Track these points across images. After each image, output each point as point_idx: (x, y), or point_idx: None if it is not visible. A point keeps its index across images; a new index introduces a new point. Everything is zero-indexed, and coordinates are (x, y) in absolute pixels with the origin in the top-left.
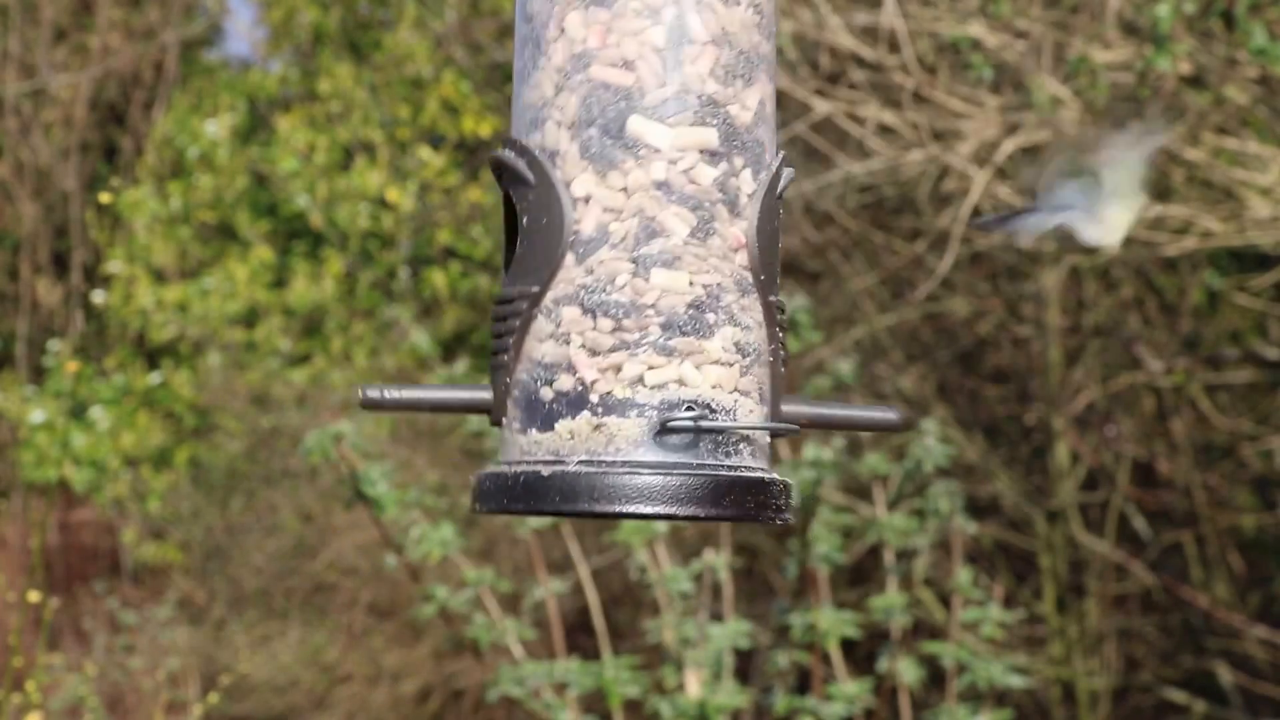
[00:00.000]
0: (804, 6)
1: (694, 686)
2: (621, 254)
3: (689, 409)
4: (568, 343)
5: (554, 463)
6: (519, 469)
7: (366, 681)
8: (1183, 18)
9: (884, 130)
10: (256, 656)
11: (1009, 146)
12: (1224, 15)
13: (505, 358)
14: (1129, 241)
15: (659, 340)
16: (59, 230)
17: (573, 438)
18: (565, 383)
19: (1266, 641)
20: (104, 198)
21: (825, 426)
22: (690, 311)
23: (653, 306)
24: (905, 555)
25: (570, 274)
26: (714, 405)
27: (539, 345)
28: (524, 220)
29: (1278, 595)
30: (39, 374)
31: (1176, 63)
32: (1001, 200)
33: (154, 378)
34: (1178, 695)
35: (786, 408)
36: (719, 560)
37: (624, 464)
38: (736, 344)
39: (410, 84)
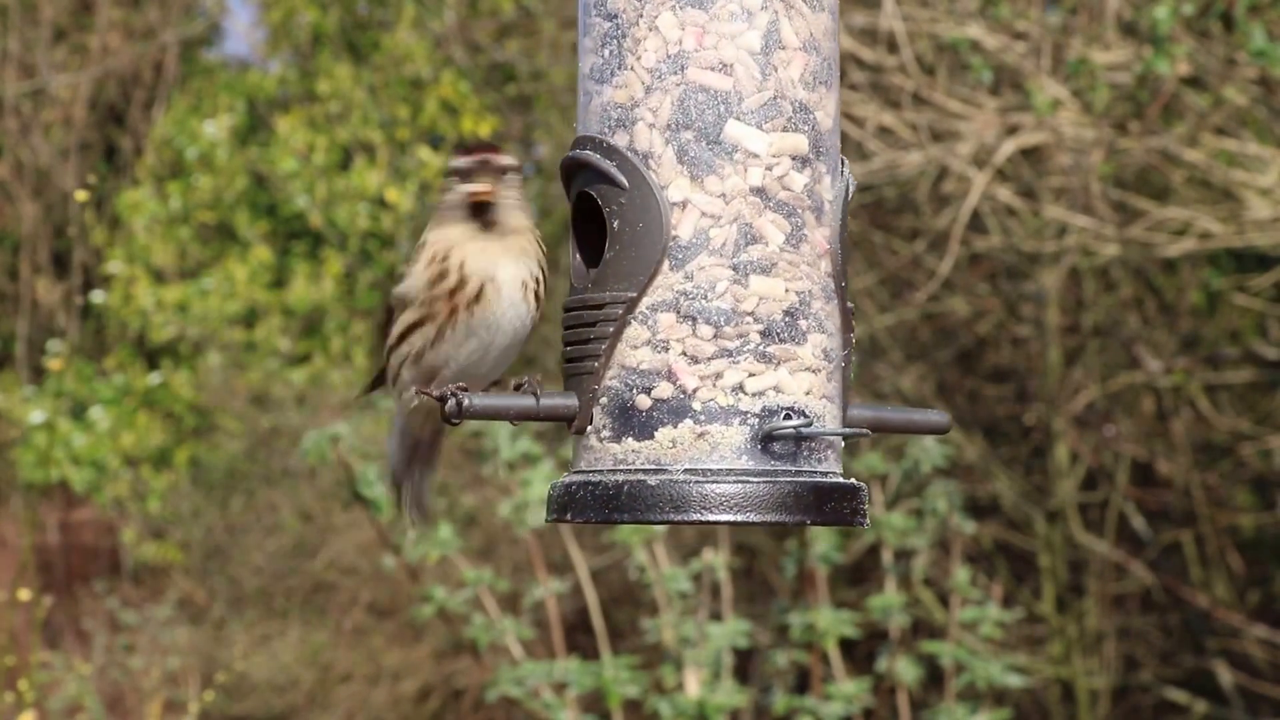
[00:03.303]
0: None
1: (693, 686)
2: (721, 260)
3: (787, 416)
4: (667, 349)
5: (657, 471)
6: (619, 478)
7: (366, 681)
8: (1181, 19)
9: (883, 131)
10: (256, 656)
11: (1008, 148)
12: (1223, 16)
13: (594, 364)
14: (1129, 242)
15: (759, 347)
16: (59, 230)
17: (675, 446)
18: (665, 390)
19: (1266, 641)
20: (80, 196)
21: (884, 429)
22: (786, 318)
23: (751, 314)
24: (904, 555)
25: (668, 280)
26: (808, 412)
27: (633, 352)
28: (614, 224)
29: (1277, 594)
30: (39, 374)
31: (1176, 64)
32: (1000, 201)
33: (154, 378)
34: (1177, 694)
35: (852, 412)
36: (718, 560)
37: (729, 472)
38: (824, 350)
39: (409, 84)
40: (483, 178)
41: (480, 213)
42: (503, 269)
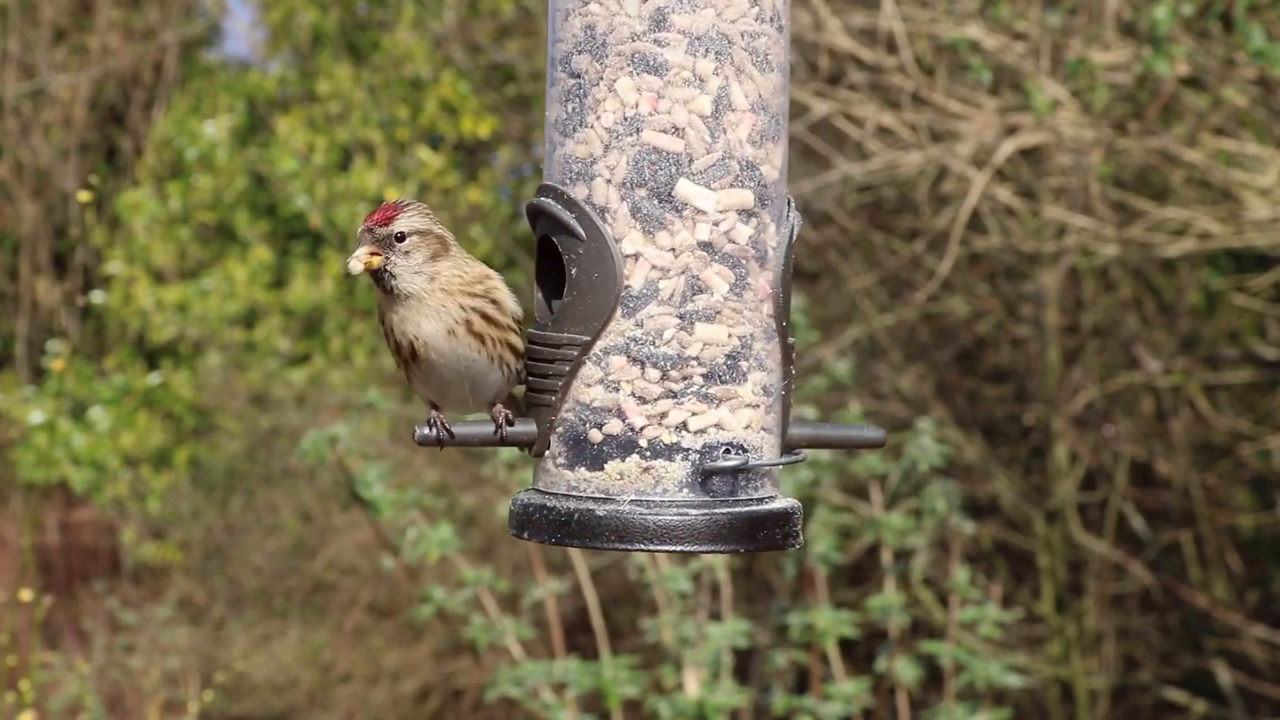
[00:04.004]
0: (803, 8)
1: (692, 686)
2: (669, 309)
3: (727, 451)
4: (617, 389)
5: (605, 500)
6: (570, 504)
7: (366, 681)
8: (1181, 19)
9: (882, 131)
10: (256, 656)
11: (1007, 148)
12: (1222, 17)
13: (551, 398)
14: (1128, 242)
15: (701, 389)
16: (59, 231)
17: (622, 478)
18: (615, 427)
19: (1265, 640)
20: (83, 196)
21: (821, 445)
22: (728, 361)
23: (696, 358)
24: (903, 555)
25: (620, 326)
26: (747, 445)
27: (587, 389)
28: (572, 272)
29: (1276, 594)
30: (39, 374)
31: (1175, 64)
32: (1000, 201)
33: (154, 378)
34: (1176, 694)
35: (791, 431)
36: (717, 561)
37: (672, 504)
38: (764, 387)
39: (409, 84)
40: (366, 247)
41: (378, 282)
42: (424, 327)
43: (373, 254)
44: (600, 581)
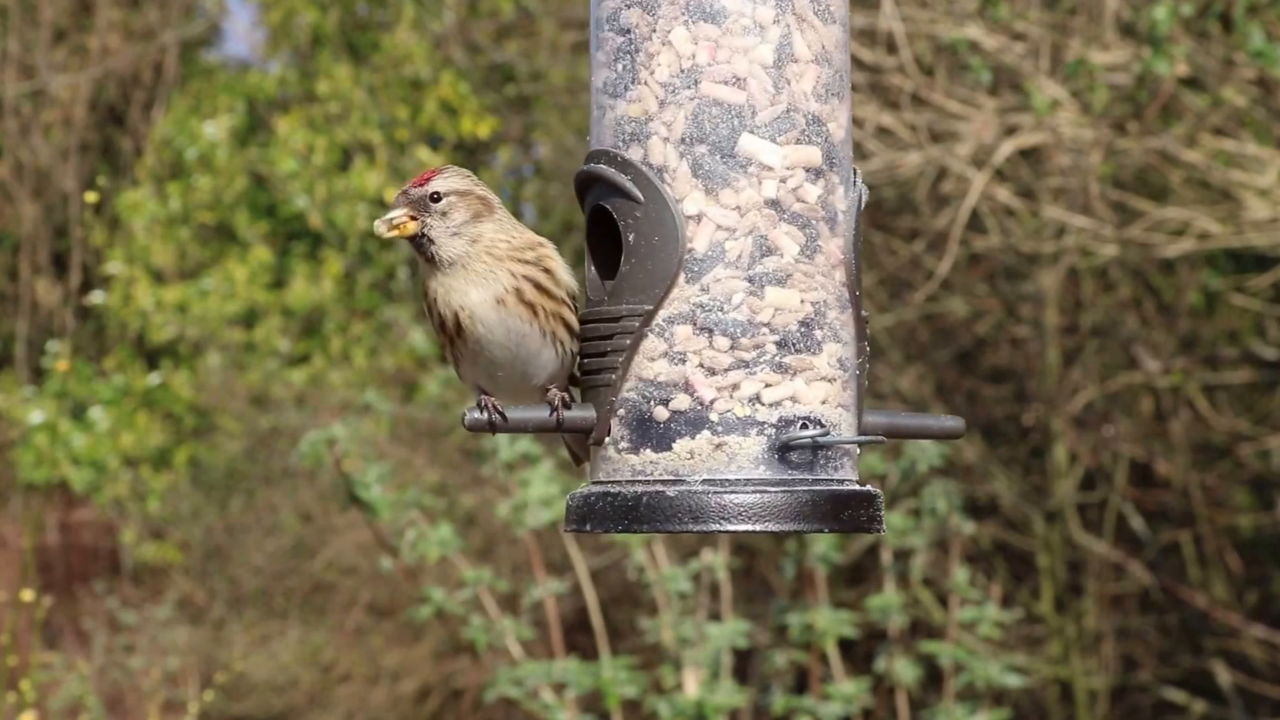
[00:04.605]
0: None
1: (692, 686)
2: (737, 273)
3: (804, 426)
4: (684, 361)
5: (675, 482)
6: (638, 489)
7: (365, 681)
8: (1180, 20)
9: (882, 131)
10: (256, 656)
11: (1007, 148)
12: (1221, 17)
13: (611, 376)
14: (1128, 242)
15: (775, 358)
16: (59, 231)
17: (693, 457)
18: (682, 402)
19: (1264, 641)
20: (90, 197)
21: (900, 435)
22: (801, 329)
23: (768, 325)
24: (902, 555)
25: (684, 292)
26: (824, 421)
27: (650, 364)
28: (630, 238)
29: (1275, 594)
30: (39, 375)
31: (1174, 64)
32: (999, 201)
33: (153, 378)
34: (1176, 694)
35: (867, 418)
36: (717, 560)
37: (747, 482)
38: (840, 360)
39: (409, 85)
40: (401, 210)
41: (418, 249)
42: (471, 295)
43: (410, 218)
44: (600, 581)
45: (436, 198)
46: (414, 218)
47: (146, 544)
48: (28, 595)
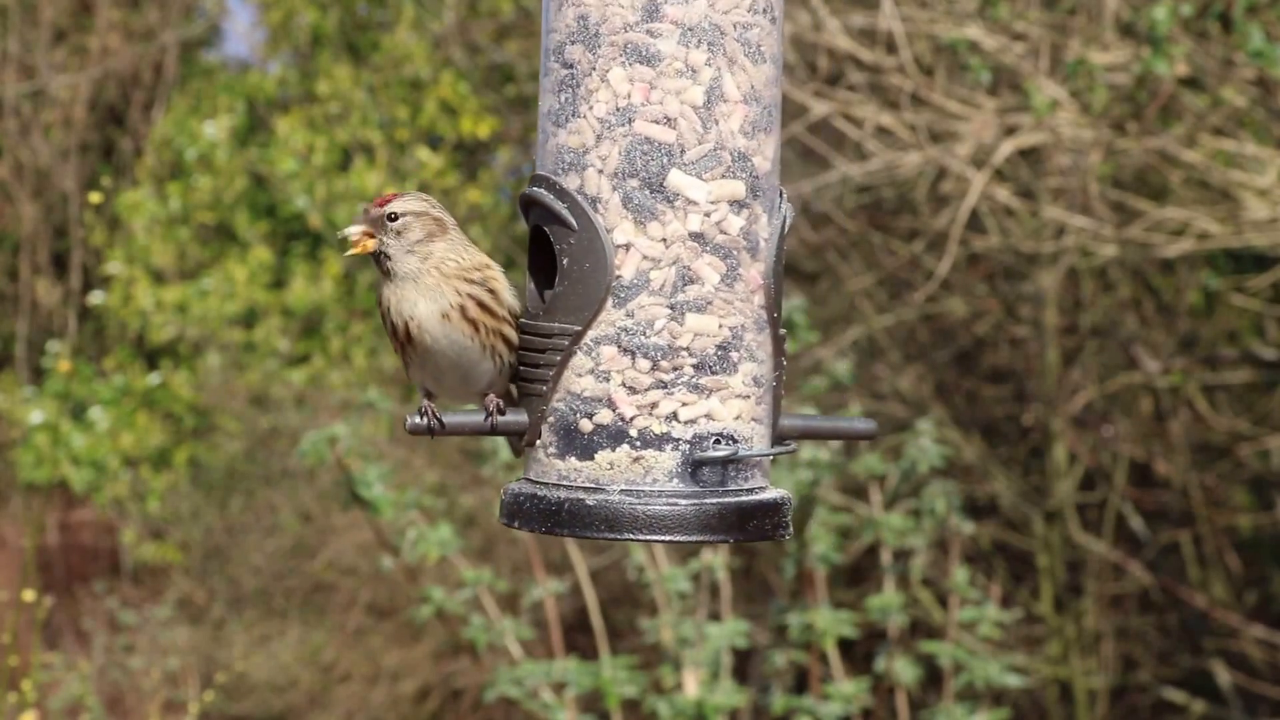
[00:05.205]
0: (802, 8)
1: (692, 686)
2: (660, 300)
3: (717, 441)
4: (608, 380)
5: (595, 490)
6: (561, 494)
7: (365, 681)
8: (1180, 20)
9: (882, 131)
10: (256, 656)
11: (1006, 148)
12: (1221, 17)
13: (542, 387)
14: (1127, 242)
15: (691, 379)
16: (59, 231)
17: (612, 468)
18: (605, 416)
19: (1264, 641)
20: (94, 197)
21: (813, 437)
22: (719, 351)
23: (686, 349)
24: (902, 555)
25: (610, 316)
26: (737, 436)
27: (578, 379)
28: (564, 261)
29: (1275, 594)
30: (38, 375)
31: (1174, 65)
32: (999, 201)
33: (153, 378)
34: (1175, 694)
35: (783, 422)
36: (717, 560)
37: (661, 494)
38: (754, 378)
39: (408, 85)
40: (359, 228)
41: (376, 263)
42: (420, 307)
43: (367, 235)
44: (599, 581)
45: (393, 217)
46: (371, 235)
47: (146, 544)
48: (29, 595)
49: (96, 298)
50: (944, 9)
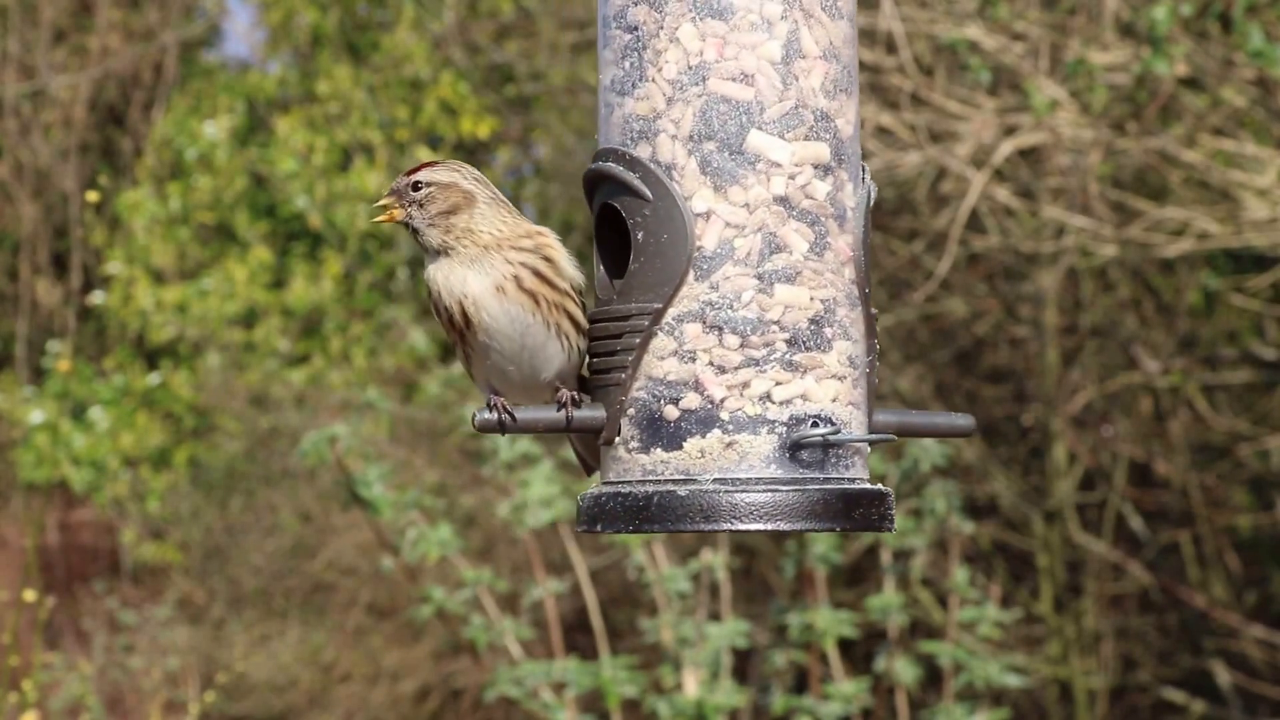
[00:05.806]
0: None
1: (692, 686)
2: (746, 270)
3: (815, 424)
4: (693, 360)
5: (686, 481)
6: (649, 488)
7: (365, 681)
8: (1180, 20)
9: (881, 131)
10: (256, 656)
11: (1006, 148)
12: (1221, 17)
13: (621, 375)
14: (1127, 242)
15: (785, 356)
16: (59, 231)
17: (703, 456)
18: (692, 401)
19: (1263, 641)
20: (91, 196)
21: (909, 434)
22: (811, 326)
23: (777, 322)
24: (902, 555)
25: (693, 290)
26: (834, 419)
27: (660, 363)
28: (639, 236)
29: (1275, 594)
30: (39, 375)
31: (1174, 65)
32: (999, 201)
33: (153, 378)
34: (1175, 694)
35: (877, 417)
36: (717, 560)
37: (759, 481)
38: (850, 358)
39: (408, 85)
40: (389, 198)
41: (415, 239)
42: (471, 283)
43: (398, 206)
44: (599, 581)
45: (417, 187)
46: (398, 207)
47: (146, 544)
48: (30, 595)
49: (96, 298)
50: (944, 9)
